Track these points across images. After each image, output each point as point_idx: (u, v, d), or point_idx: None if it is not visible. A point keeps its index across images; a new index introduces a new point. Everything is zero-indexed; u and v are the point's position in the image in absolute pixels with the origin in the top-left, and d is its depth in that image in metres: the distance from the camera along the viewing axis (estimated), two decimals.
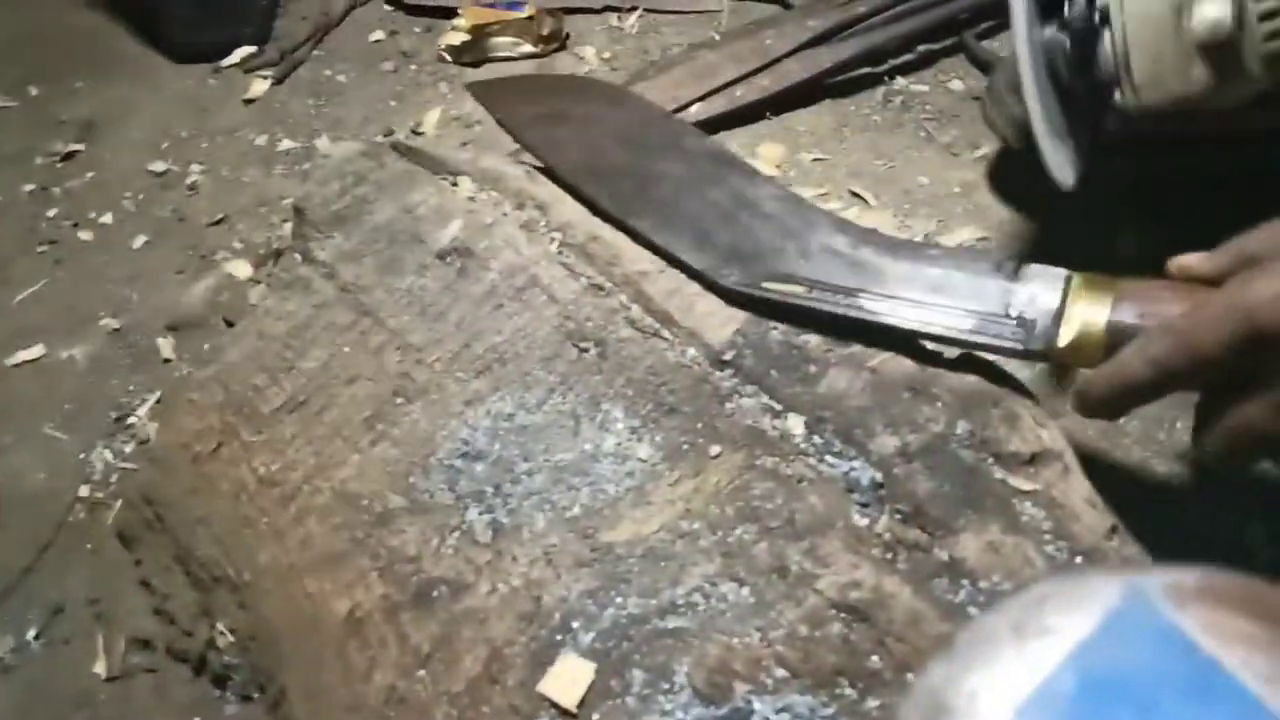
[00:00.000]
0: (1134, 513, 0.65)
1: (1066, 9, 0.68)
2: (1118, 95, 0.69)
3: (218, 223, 1.13)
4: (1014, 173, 1.07)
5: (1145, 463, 0.82)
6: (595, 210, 0.84)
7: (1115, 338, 0.62)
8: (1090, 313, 0.63)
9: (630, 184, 0.83)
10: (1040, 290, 0.66)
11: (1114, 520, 0.63)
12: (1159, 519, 0.67)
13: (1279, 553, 0.77)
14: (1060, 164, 0.71)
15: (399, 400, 0.77)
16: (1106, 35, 0.66)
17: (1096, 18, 0.67)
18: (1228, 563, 0.35)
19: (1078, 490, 0.64)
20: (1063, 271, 0.66)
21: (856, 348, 0.72)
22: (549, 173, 0.89)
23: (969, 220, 1.03)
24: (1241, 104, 0.69)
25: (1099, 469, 0.68)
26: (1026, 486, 0.64)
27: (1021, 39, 0.66)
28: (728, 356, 0.74)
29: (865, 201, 1.07)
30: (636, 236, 0.80)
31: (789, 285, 0.73)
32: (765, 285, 0.74)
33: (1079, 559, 0.61)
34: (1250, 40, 0.64)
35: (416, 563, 0.68)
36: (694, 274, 0.77)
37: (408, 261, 0.84)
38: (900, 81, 1.23)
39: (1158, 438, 0.85)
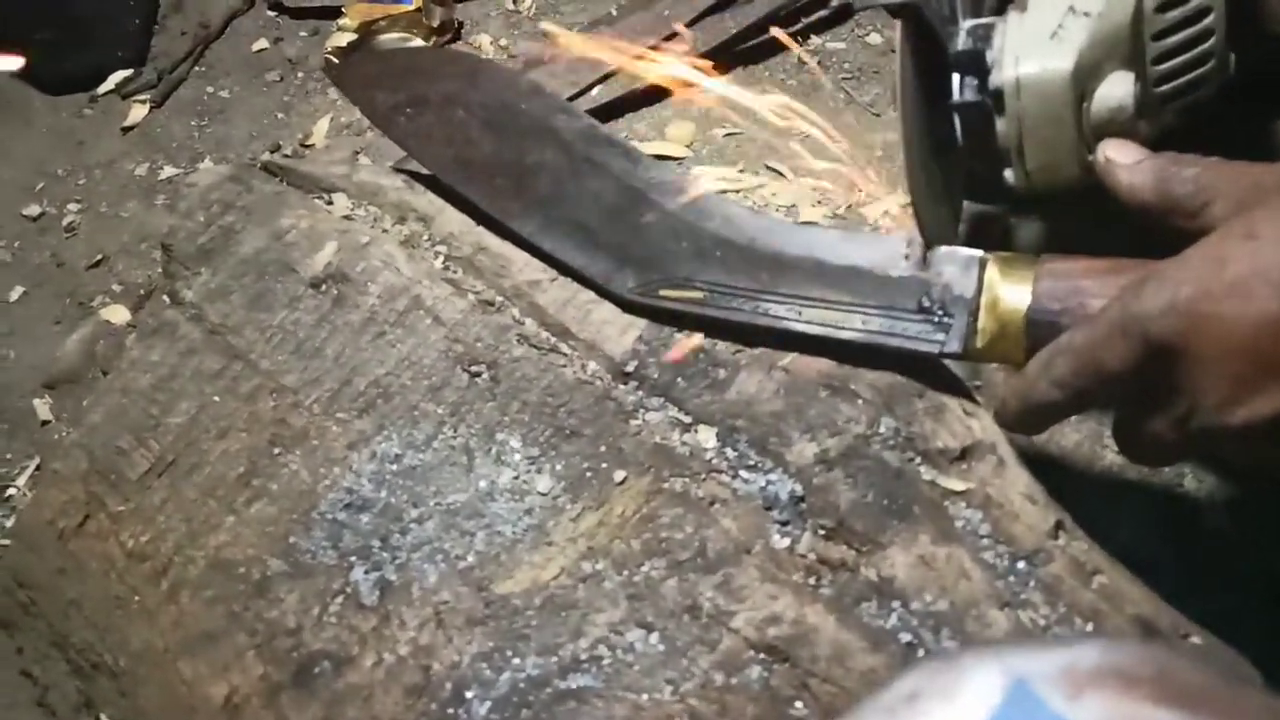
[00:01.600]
0: (1080, 501, 0.59)
1: (956, 91, 0.62)
2: (1009, 175, 0.63)
3: (96, 264, 1.05)
4: None
5: (1087, 444, 0.75)
6: (474, 214, 0.76)
7: (1036, 334, 0.56)
8: (1008, 306, 0.57)
9: (505, 180, 0.75)
10: (954, 278, 0.60)
11: (1058, 515, 0.57)
12: (1110, 505, 0.61)
13: (1245, 535, 0.71)
14: (939, 227, 0.64)
15: (276, 450, 0.70)
16: (999, 119, 0.60)
17: (989, 101, 0.61)
18: (1191, 551, 0.29)
19: (1015, 485, 0.58)
20: (977, 254, 0.60)
21: (764, 348, 0.66)
22: (426, 174, 0.82)
23: (893, 185, 0.96)
24: None
25: (1037, 455, 0.61)
26: (958, 486, 0.58)
27: (905, 113, 0.59)
28: (630, 368, 0.67)
29: (782, 176, 1.00)
30: (520, 242, 0.73)
31: (687, 292, 0.66)
32: (662, 293, 0.67)
33: (1021, 563, 0.55)
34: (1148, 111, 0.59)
35: (297, 635, 0.61)
36: (586, 282, 0.70)
37: (279, 294, 0.76)
38: (815, 40, 1.16)
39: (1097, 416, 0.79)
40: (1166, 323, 0.49)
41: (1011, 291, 0.58)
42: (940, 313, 0.60)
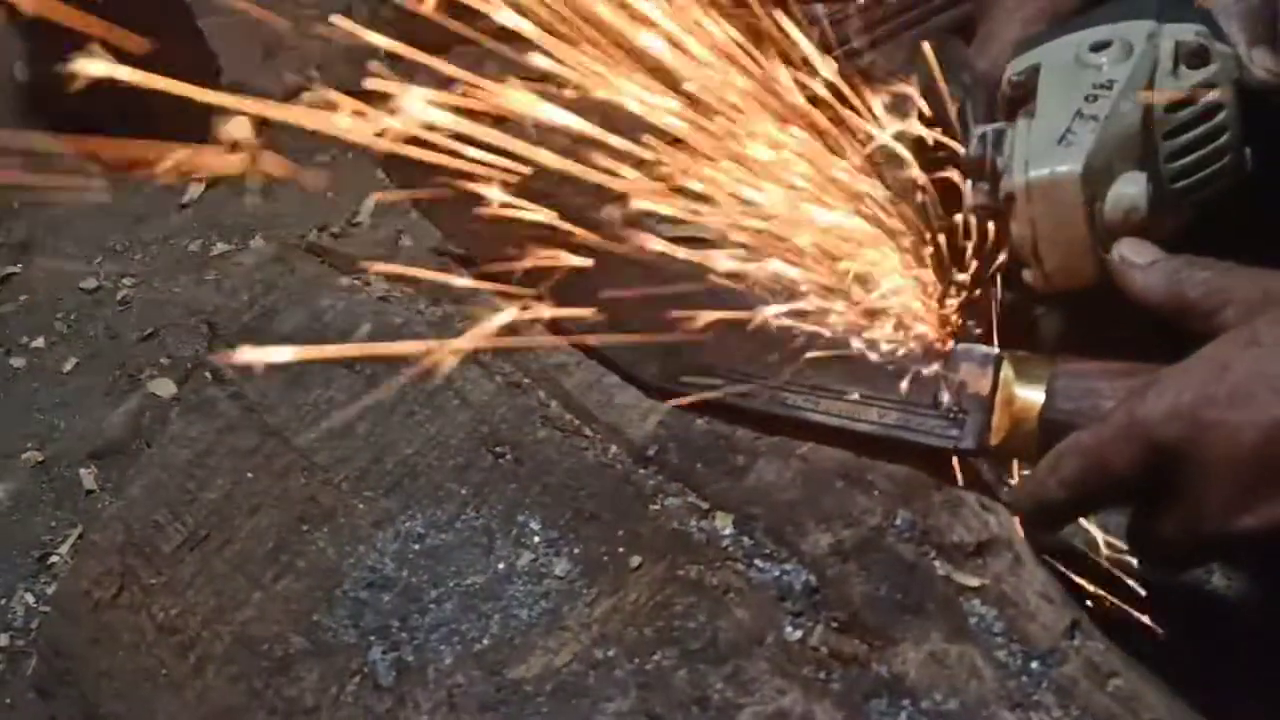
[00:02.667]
0: (1099, 599, 0.58)
1: (968, 196, 0.63)
2: (1027, 275, 0.64)
3: (147, 338, 1.09)
4: None
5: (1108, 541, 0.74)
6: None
7: (1049, 433, 0.56)
8: (1023, 405, 0.57)
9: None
10: (970, 375, 0.60)
11: (1074, 614, 0.56)
12: (1130, 603, 0.60)
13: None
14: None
15: (304, 527, 0.71)
16: (1013, 221, 0.61)
17: (1001, 205, 0.61)
18: (1218, 653, 0.28)
19: (1031, 582, 0.58)
20: (993, 352, 0.60)
21: (783, 435, 0.66)
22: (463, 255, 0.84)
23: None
24: None
25: (1055, 551, 0.61)
26: (973, 582, 0.57)
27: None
28: (650, 452, 0.68)
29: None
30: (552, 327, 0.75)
31: (709, 379, 0.67)
32: (684, 380, 0.68)
33: (1034, 663, 0.54)
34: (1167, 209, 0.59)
35: (315, 715, 0.62)
36: (611, 365, 0.72)
37: (315, 373, 0.79)
38: None
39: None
40: (1170, 427, 0.49)
41: (1026, 391, 0.58)
42: (956, 409, 0.60)
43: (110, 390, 1.05)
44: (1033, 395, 0.58)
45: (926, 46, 0.62)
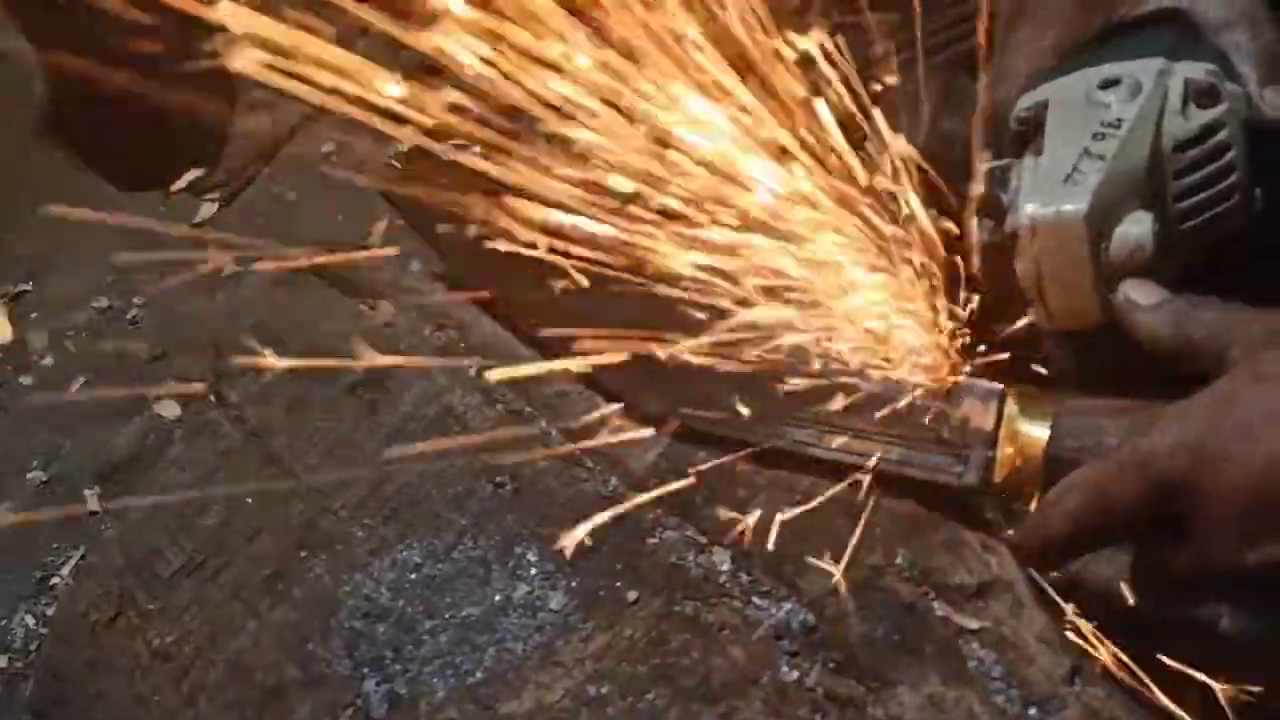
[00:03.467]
0: (1102, 644, 0.57)
1: (975, 233, 0.62)
2: (1031, 313, 0.63)
3: (156, 359, 1.09)
4: None
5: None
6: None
7: (1054, 470, 0.55)
8: (1027, 441, 0.57)
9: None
10: (974, 411, 0.59)
11: (1074, 660, 0.55)
12: (1133, 647, 0.58)
13: None
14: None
15: (302, 554, 0.71)
16: (1017, 259, 0.60)
17: (1007, 242, 0.61)
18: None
19: (1031, 626, 0.57)
20: (997, 388, 0.59)
21: (787, 470, 0.66)
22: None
23: None
24: None
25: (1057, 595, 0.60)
26: (972, 625, 0.57)
27: None
28: (650, 484, 0.67)
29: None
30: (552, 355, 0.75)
31: (709, 411, 0.67)
32: (683, 411, 0.67)
33: (1033, 709, 0.54)
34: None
35: None
36: (612, 395, 0.71)
37: (316, 400, 0.79)
38: None
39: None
40: (1175, 462, 0.48)
41: (1031, 427, 0.57)
42: (960, 445, 0.60)
43: (117, 411, 1.05)
44: (1037, 432, 0.57)
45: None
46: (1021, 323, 0.61)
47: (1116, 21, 0.65)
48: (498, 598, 0.65)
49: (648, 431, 0.70)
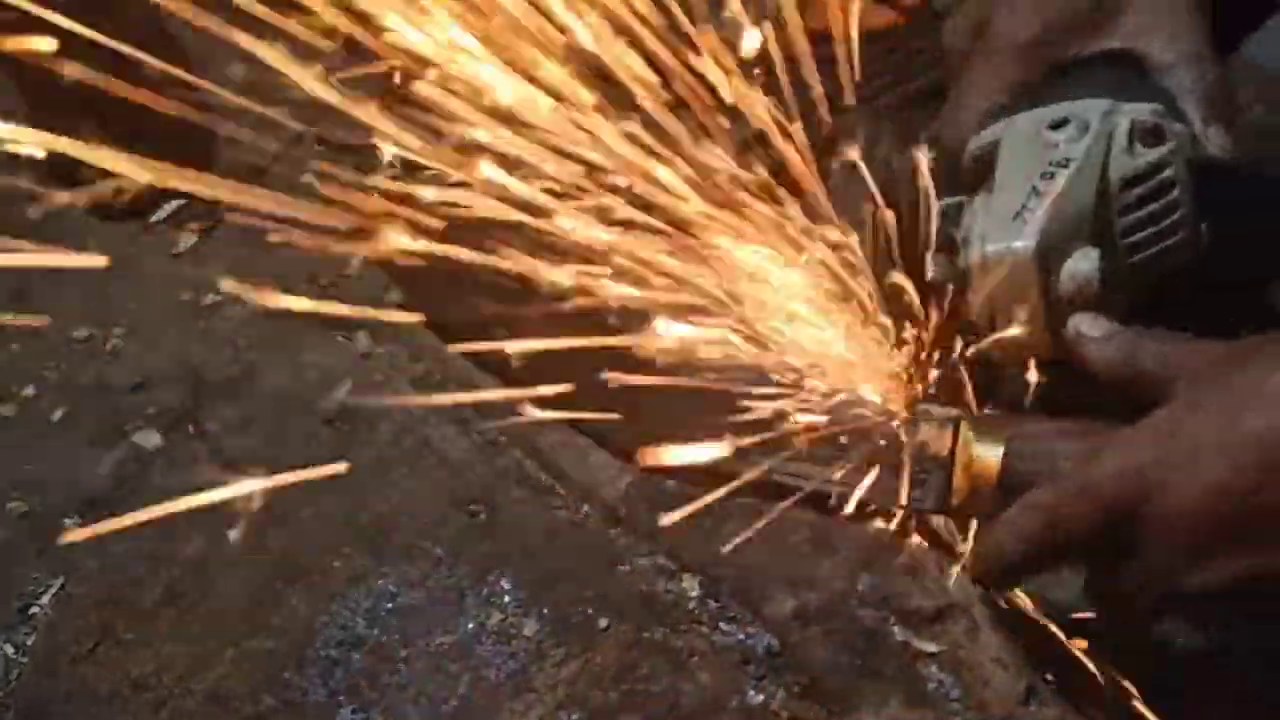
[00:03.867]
0: (1057, 664, 0.59)
1: (929, 269, 0.65)
2: (986, 346, 0.65)
3: (136, 389, 1.10)
4: None
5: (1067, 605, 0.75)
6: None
7: (1008, 492, 0.57)
8: (981, 467, 0.59)
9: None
10: (931, 436, 0.61)
11: (1030, 681, 0.57)
12: (1089, 668, 0.60)
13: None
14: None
15: (278, 584, 0.72)
16: (970, 294, 0.62)
17: (959, 274, 0.63)
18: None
19: (987, 649, 0.59)
20: (952, 413, 0.61)
21: (755, 498, 0.67)
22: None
23: None
24: None
25: (1013, 617, 0.62)
26: (930, 648, 0.58)
27: None
28: (621, 512, 0.69)
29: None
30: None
31: (678, 446, 0.68)
32: (652, 444, 0.69)
33: None
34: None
35: None
36: (582, 430, 0.73)
37: (295, 430, 0.80)
38: None
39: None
40: (1121, 488, 0.51)
41: (985, 451, 0.59)
42: (918, 470, 0.61)
43: (97, 441, 1.06)
44: (991, 455, 0.59)
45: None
46: (973, 351, 0.63)
47: (1067, 62, 0.67)
48: (471, 625, 0.67)
49: (619, 462, 0.72)
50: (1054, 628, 0.60)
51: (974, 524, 0.61)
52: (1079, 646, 0.61)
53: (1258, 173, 0.65)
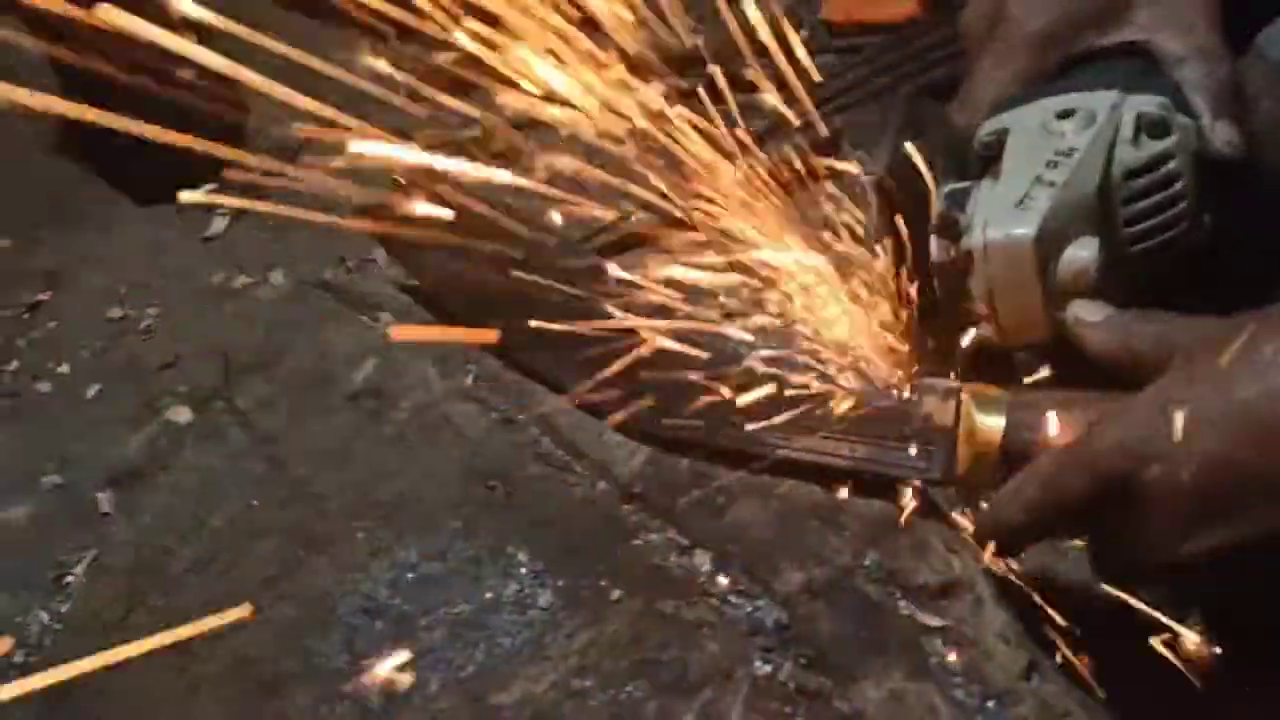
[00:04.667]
0: (1059, 641, 0.60)
1: (933, 251, 0.66)
2: (985, 328, 0.66)
3: (167, 366, 1.12)
4: None
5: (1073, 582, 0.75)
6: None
7: (1010, 460, 0.59)
8: (984, 437, 0.60)
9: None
10: (934, 408, 0.63)
11: (1031, 656, 0.58)
12: (1091, 644, 0.62)
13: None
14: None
15: (303, 554, 0.74)
16: (971, 278, 0.63)
17: (961, 262, 0.64)
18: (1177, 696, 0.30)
19: (991, 624, 0.60)
20: (955, 386, 0.63)
21: (765, 475, 0.69)
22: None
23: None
24: None
25: (1018, 593, 0.63)
26: (935, 623, 0.60)
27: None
28: (636, 489, 0.71)
29: None
30: (532, 373, 0.78)
31: (689, 421, 0.70)
32: (665, 422, 0.71)
33: (991, 703, 0.57)
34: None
35: None
36: (595, 411, 0.75)
37: (320, 406, 0.82)
38: None
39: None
40: (1116, 460, 0.53)
41: (987, 421, 0.61)
42: (923, 441, 0.63)
43: (130, 416, 1.08)
44: (993, 425, 0.60)
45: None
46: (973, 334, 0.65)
47: (1079, 54, 0.68)
48: (489, 595, 0.68)
49: (631, 441, 0.73)
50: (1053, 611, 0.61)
51: (980, 490, 0.63)
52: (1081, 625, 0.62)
53: (1263, 167, 0.65)
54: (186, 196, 1.37)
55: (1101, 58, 0.67)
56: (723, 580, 0.65)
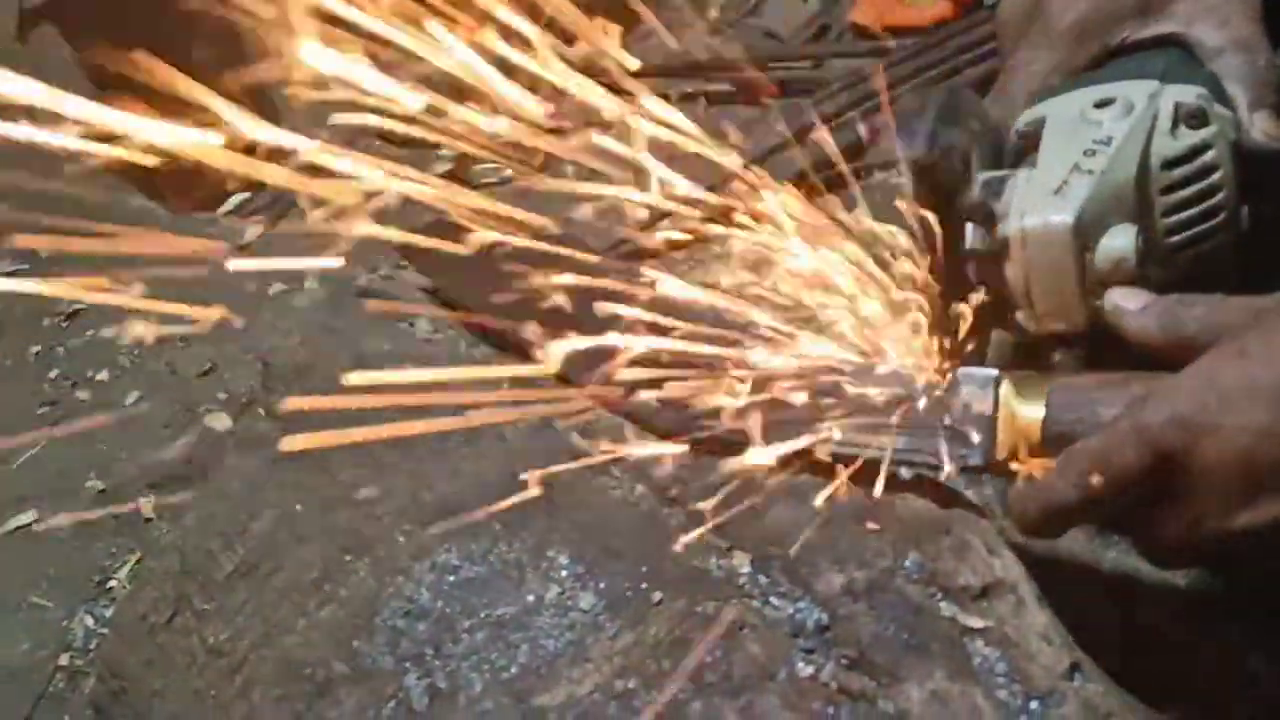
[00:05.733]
0: (1103, 642, 0.60)
1: (969, 239, 0.66)
2: (1020, 316, 0.66)
3: (206, 374, 1.15)
4: None
5: (1114, 584, 0.75)
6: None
7: (1051, 445, 0.59)
8: (1024, 421, 0.61)
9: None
10: (972, 396, 0.63)
11: (1074, 656, 0.59)
12: (1133, 646, 0.62)
13: None
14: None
15: (347, 558, 0.75)
16: (1008, 265, 0.64)
17: (997, 249, 0.64)
18: (1221, 697, 0.31)
19: (1033, 624, 0.60)
20: (993, 374, 0.63)
21: (804, 476, 0.69)
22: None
23: None
24: None
25: (1060, 595, 0.63)
26: (977, 624, 0.60)
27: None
28: (674, 492, 0.71)
29: None
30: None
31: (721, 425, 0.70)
32: (696, 428, 0.71)
33: (1034, 704, 0.57)
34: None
35: None
36: (628, 415, 0.75)
37: (361, 411, 0.83)
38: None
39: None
40: (1171, 433, 0.53)
41: (1026, 407, 0.61)
42: (962, 430, 0.63)
43: (169, 423, 1.11)
44: (1033, 411, 0.61)
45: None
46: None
47: (1117, 46, 0.68)
48: (531, 598, 0.69)
49: (668, 445, 0.74)
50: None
51: (1020, 476, 0.63)
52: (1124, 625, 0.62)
53: None
54: (223, 208, 1.40)
55: (1139, 50, 0.68)
56: (763, 581, 0.65)
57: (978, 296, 0.66)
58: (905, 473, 0.69)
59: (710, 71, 1.25)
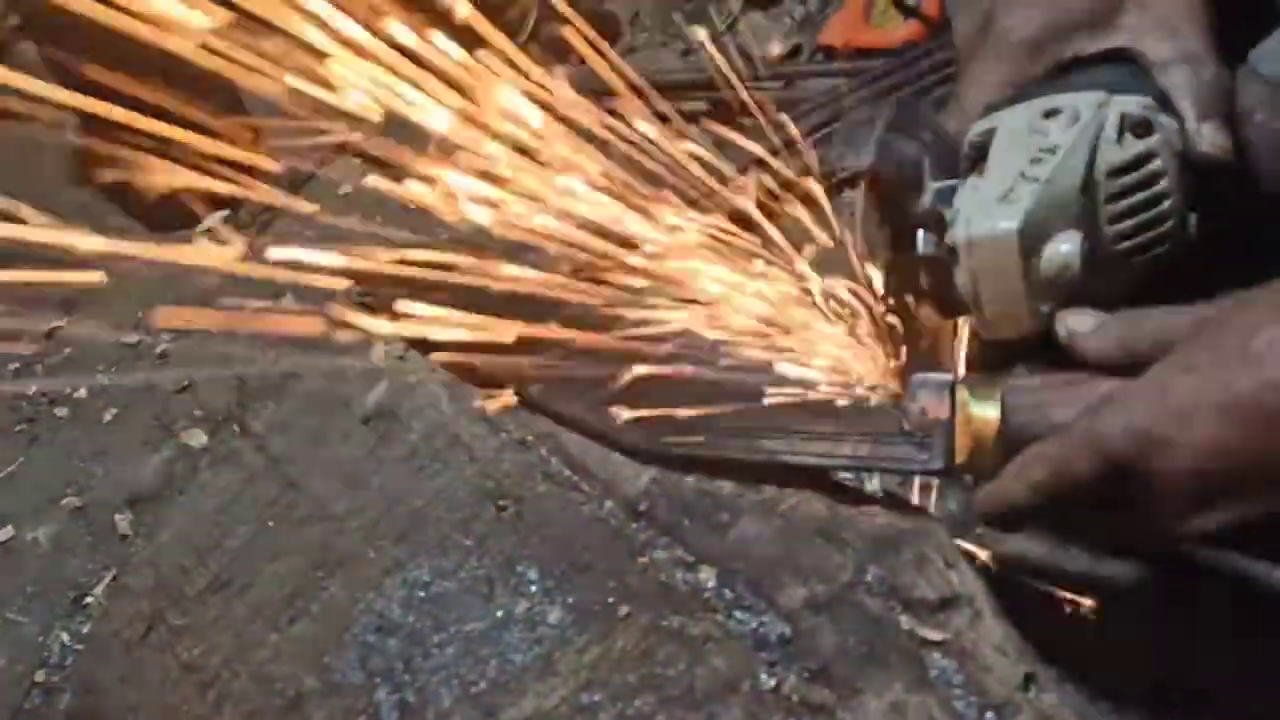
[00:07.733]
0: (1057, 652, 0.61)
1: (920, 245, 0.67)
2: (971, 320, 0.68)
3: (182, 390, 1.15)
4: None
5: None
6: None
7: (1009, 446, 0.61)
8: (981, 425, 0.62)
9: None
10: (929, 402, 0.64)
11: (1029, 668, 0.60)
12: (1088, 656, 0.63)
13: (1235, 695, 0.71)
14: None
15: (319, 574, 0.76)
16: (957, 271, 0.65)
17: (946, 255, 0.66)
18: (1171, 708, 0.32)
19: (990, 637, 0.61)
20: (948, 378, 0.65)
21: (769, 491, 0.70)
22: None
23: None
24: None
25: (1016, 606, 0.64)
26: (935, 636, 0.61)
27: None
28: (642, 507, 0.72)
29: None
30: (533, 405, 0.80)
31: (690, 436, 0.72)
32: (665, 440, 0.73)
33: (989, 714, 0.58)
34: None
35: None
36: (597, 434, 0.76)
37: (333, 429, 0.84)
38: None
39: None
40: (1123, 444, 0.55)
41: (982, 409, 0.62)
42: (921, 435, 0.65)
43: (146, 440, 1.11)
44: (989, 413, 0.62)
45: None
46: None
47: (1069, 60, 0.70)
48: (500, 613, 0.70)
49: (636, 462, 0.75)
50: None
51: (981, 477, 0.64)
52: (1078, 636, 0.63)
53: (1258, 177, 0.67)
54: (201, 226, 1.40)
55: (1090, 63, 0.69)
56: (727, 595, 0.66)
57: (927, 304, 0.67)
58: (869, 484, 0.70)
59: (684, 91, 1.26)
